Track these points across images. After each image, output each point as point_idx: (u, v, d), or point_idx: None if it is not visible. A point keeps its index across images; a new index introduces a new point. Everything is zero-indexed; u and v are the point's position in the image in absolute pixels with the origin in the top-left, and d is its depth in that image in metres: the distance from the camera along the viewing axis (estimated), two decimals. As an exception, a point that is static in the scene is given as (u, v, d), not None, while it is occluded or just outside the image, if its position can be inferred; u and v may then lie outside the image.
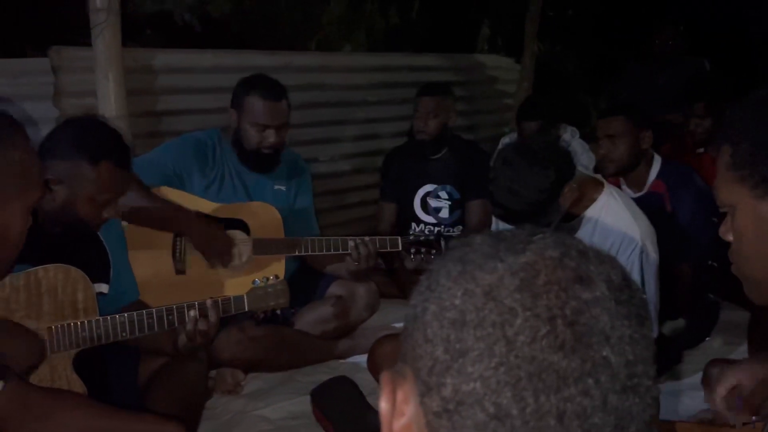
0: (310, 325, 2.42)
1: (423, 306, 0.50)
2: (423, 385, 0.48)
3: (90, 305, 1.68)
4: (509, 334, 0.45)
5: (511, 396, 0.44)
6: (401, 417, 0.49)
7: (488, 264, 0.48)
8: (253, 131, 2.37)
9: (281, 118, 2.39)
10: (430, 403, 0.47)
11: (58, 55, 2.60)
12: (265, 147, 2.38)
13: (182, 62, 3.03)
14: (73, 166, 1.66)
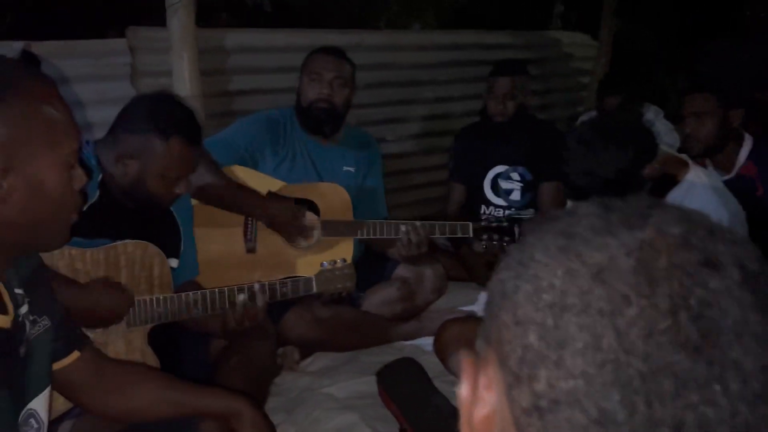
0: (377, 307, 2.41)
1: (514, 284, 0.44)
2: (510, 375, 0.42)
3: (165, 281, 1.72)
4: (620, 326, 0.38)
5: (619, 399, 0.38)
6: (483, 405, 0.44)
7: (597, 239, 0.41)
8: (308, 83, 2.38)
9: (336, 71, 2.38)
10: (518, 396, 0.41)
11: (134, 35, 2.65)
12: (319, 100, 2.35)
13: (254, 42, 3.04)
14: (144, 140, 1.69)
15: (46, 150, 0.87)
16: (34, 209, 0.88)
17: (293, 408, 1.92)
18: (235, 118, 2.61)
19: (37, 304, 1.01)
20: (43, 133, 0.87)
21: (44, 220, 0.90)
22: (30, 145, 0.86)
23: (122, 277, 1.67)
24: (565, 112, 4.30)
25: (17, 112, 0.85)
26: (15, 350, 0.95)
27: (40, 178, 0.87)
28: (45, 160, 0.87)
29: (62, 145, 0.89)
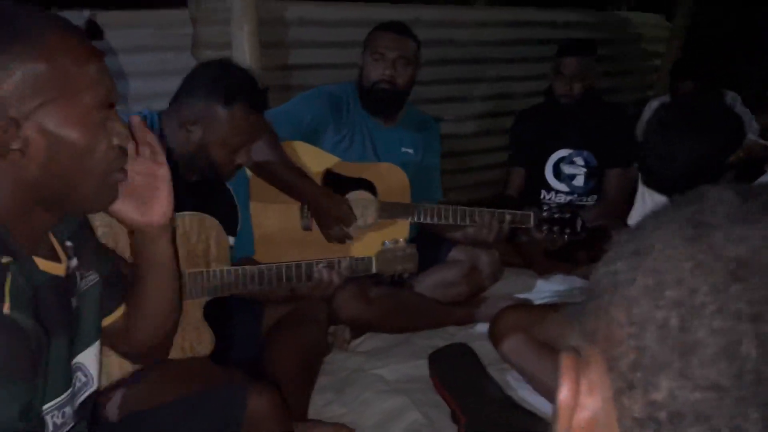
0: (430, 290, 2.36)
1: (628, 275, 0.38)
2: (621, 380, 0.37)
3: (222, 255, 1.71)
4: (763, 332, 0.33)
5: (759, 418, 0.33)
6: (583, 410, 0.40)
7: (735, 230, 0.36)
8: (371, 62, 2.32)
9: (399, 49, 2.31)
10: (630, 404, 0.37)
11: (196, 6, 2.65)
12: (382, 81, 2.30)
13: (314, 15, 3.00)
14: (207, 107, 1.66)
15: (62, 102, 0.84)
16: (61, 165, 0.85)
17: (343, 388, 1.90)
18: (292, 92, 2.57)
19: (85, 259, 1.01)
20: (57, 86, 0.83)
21: (75, 176, 0.87)
22: (42, 97, 0.83)
23: (180, 248, 1.65)
24: (634, 95, 4.12)
25: (26, 63, 0.82)
26: (68, 300, 0.95)
27: (59, 131, 0.84)
28: (63, 113, 0.84)
29: (82, 97, 0.85)
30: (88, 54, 0.87)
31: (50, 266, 0.91)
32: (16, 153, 0.83)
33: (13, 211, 0.86)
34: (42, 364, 0.84)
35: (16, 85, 0.81)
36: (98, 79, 0.87)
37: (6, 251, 0.83)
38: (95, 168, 0.88)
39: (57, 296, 0.91)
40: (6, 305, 0.78)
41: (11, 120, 0.81)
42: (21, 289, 0.82)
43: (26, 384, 0.80)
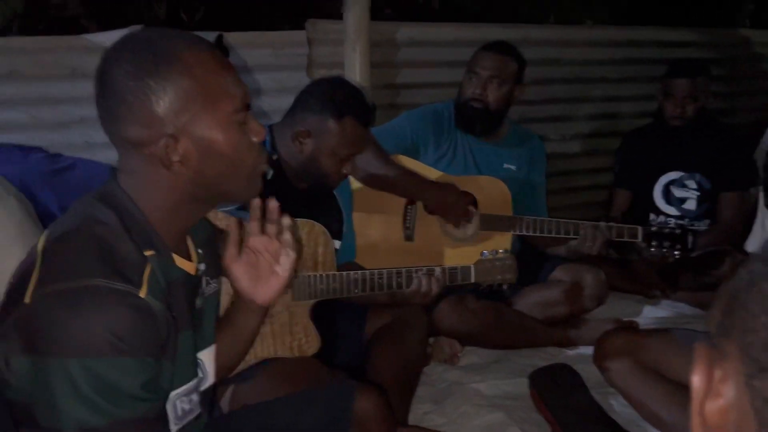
0: (531, 308, 2.34)
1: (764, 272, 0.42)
2: (753, 364, 0.41)
3: (329, 259, 1.79)
4: None
5: None
6: (717, 398, 0.43)
7: None
8: (467, 80, 2.37)
9: (493, 69, 2.34)
10: (761, 386, 0.40)
11: (313, 27, 2.79)
12: (473, 99, 2.34)
13: (424, 36, 3.08)
14: (320, 120, 1.78)
15: (207, 112, 0.93)
16: (213, 167, 0.95)
17: (442, 399, 1.92)
18: (399, 111, 2.65)
19: (210, 267, 1.10)
20: (200, 98, 0.92)
21: (226, 174, 0.97)
22: (190, 111, 0.92)
23: (290, 253, 1.75)
24: (751, 117, 3.91)
25: (173, 82, 0.91)
26: (194, 299, 1.04)
27: (208, 138, 0.93)
28: (208, 122, 0.93)
29: (222, 104, 0.94)
30: (222, 65, 0.96)
31: (184, 264, 1.00)
32: (177, 164, 0.93)
33: (164, 211, 0.96)
34: (170, 348, 0.93)
35: (170, 103, 0.91)
36: (233, 86, 0.96)
37: (150, 245, 0.93)
38: (241, 165, 0.97)
39: (185, 293, 1.00)
40: (143, 291, 0.87)
41: (171, 136, 0.92)
42: (157, 280, 0.91)
43: (152, 360, 0.88)
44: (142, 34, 0.96)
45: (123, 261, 0.88)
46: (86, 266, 0.85)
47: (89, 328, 0.82)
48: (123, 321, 0.83)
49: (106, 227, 0.90)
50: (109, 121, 0.94)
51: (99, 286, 0.84)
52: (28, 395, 0.85)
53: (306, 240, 1.77)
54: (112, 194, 0.95)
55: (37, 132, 2.38)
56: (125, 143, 0.94)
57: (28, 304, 0.85)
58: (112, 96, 0.92)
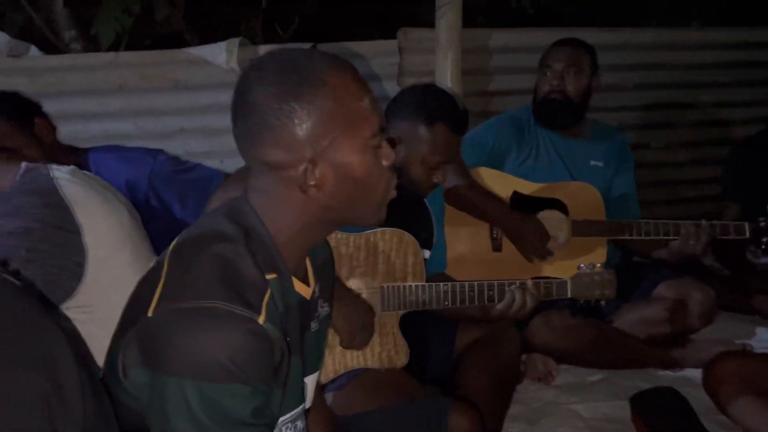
0: (632, 325, 2.20)
1: None
2: None
3: (418, 270, 1.75)
4: None
5: None
6: None
7: None
8: (541, 78, 2.33)
9: (567, 60, 2.29)
10: None
11: (404, 36, 2.78)
12: (551, 92, 2.28)
13: (517, 42, 3.00)
14: (410, 126, 1.75)
15: (347, 136, 0.90)
16: (346, 192, 0.93)
17: (536, 419, 1.84)
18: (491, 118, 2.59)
19: (324, 289, 1.09)
20: (342, 122, 0.90)
21: (358, 199, 0.94)
22: (332, 135, 0.90)
23: (379, 262, 1.74)
24: None
25: (317, 106, 0.89)
26: (308, 323, 1.02)
27: (345, 162, 0.91)
28: (348, 147, 0.91)
29: (361, 129, 0.91)
30: (363, 87, 0.94)
31: (302, 288, 0.98)
32: (313, 188, 0.91)
33: (291, 233, 0.94)
34: (282, 375, 0.91)
35: (313, 127, 0.89)
36: (372, 109, 0.93)
37: (273, 268, 0.91)
38: (373, 190, 0.95)
39: (300, 317, 0.98)
40: (262, 317, 0.85)
41: (310, 161, 0.90)
42: (275, 305, 0.90)
43: (264, 387, 0.86)
44: (284, 55, 0.93)
45: (245, 284, 0.87)
46: (209, 287, 0.85)
47: (206, 351, 0.81)
48: (240, 347, 0.82)
49: (232, 246, 0.89)
50: (248, 142, 0.92)
51: (219, 309, 0.83)
52: (142, 404, 0.86)
53: (395, 250, 1.74)
54: (241, 212, 0.94)
55: (142, 142, 2.49)
56: (261, 164, 0.92)
57: (150, 318, 0.85)
58: (253, 117, 0.90)
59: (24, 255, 1.16)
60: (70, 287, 1.20)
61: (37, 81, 2.61)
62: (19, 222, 1.17)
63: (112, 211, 1.30)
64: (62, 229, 1.20)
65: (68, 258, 1.20)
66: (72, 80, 2.66)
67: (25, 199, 1.21)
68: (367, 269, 1.72)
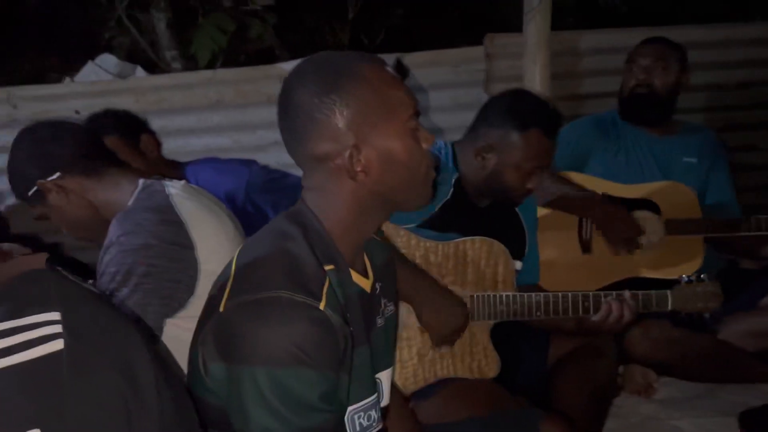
0: (741, 337, 2.08)
1: None
2: None
3: (509, 280, 1.73)
4: None
5: None
6: None
7: None
8: (626, 75, 2.29)
9: (653, 55, 2.23)
10: None
11: (491, 42, 2.76)
12: (637, 86, 2.23)
13: (609, 42, 2.92)
14: (503, 133, 1.72)
15: (385, 121, 0.97)
16: (392, 175, 0.99)
17: (634, 434, 1.77)
18: (582, 123, 2.52)
19: (387, 288, 1.12)
20: (379, 108, 0.97)
21: (403, 182, 1.00)
22: (371, 121, 0.96)
23: (469, 271, 1.72)
24: None
25: (355, 95, 0.96)
26: (373, 316, 1.04)
27: (387, 147, 0.97)
28: (387, 131, 0.97)
29: (398, 113, 0.98)
30: (394, 77, 1.01)
31: (361, 280, 1.03)
32: (360, 173, 0.97)
33: (345, 223, 1.00)
34: (347, 362, 0.95)
35: (353, 115, 0.96)
36: (406, 95, 0.99)
37: (330, 260, 0.97)
38: (416, 171, 1.00)
39: (362, 309, 1.02)
40: (322, 303, 0.90)
41: (355, 147, 0.96)
42: (335, 293, 0.95)
43: (330, 373, 0.90)
44: (320, 57, 1.01)
45: (305, 275, 0.92)
46: (271, 279, 0.90)
47: (273, 338, 0.86)
48: (304, 332, 0.87)
49: (293, 242, 0.96)
50: (296, 141, 0.99)
51: (282, 298, 0.88)
52: (223, 399, 0.91)
53: (485, 259, 1.73)
54: (299, 212, 1.01)
55: (238, 155, 2.60)
56: (311, 160, 0.99)
57: (222, 313, 0.92)
58: (298, 116, 0.97)
59: (143, 270, 1.24)
60: (183, 299, 1.28)
61: (141, 99, 2.78)
62: (140, 238, 1.26)
63: (220, 226, 1.38)
64: (178, 245, 1.29)
65: (183, 272, 1.28)
66: (173, 98, 2.82)
67: (145, 216, 1.29)
68: (455, 278, 1.71)
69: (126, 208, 1.33)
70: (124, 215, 1.31)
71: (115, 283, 1.25)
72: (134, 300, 1.24)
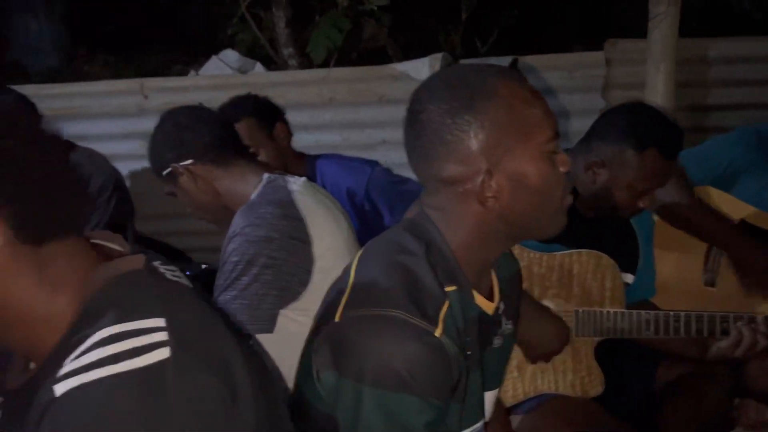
0: None
1: None
2: None
3: (617, 295, 1.66)
4: None
5: None
6: None
7: None
8: None
9: None
10: None
11: (612, 47, 2.67)
12: None
13: (741, 51, 2.74)
14: (618, 150, 1.64)
15: (521, 144, 0.90)
16: (523, 201, 0.92)
17: (747, 473, 1.64)
18: (707, 134, 2.38)
19: (509, 307, 1.07)
20: (516, 130, 0.90)
21: (535, 208, 0.93)
22: (505, 144, 0.90)
23: (574, 285, 1.66)
24: None
25: (490, 116, 0.89)
26: (490, 337, 1.01)
27: (520, 171, 0.91)
28: (522, 155, 0.90)
29: (535, 135, 0.91)
30: (534, 95, 0.93)
31: (484, 302, 0.98)
32: (491, 200, 0.91)
33: (469, 247, 0.95)
34: (460, 390, 0.91)
35: (487, 138, 0.90)
36: (545, 116, 0.92)
37: (453, 280, 0.92)
38: (550, 198, 0.93)
39: (480, 332, 0.98)
40: (438, 330, 0.87)
41: (487, 172, 0.90)
42: (453, 318, 0.90)
43: (438, 403, 0.87)
44: (453, 72, 0.97)
45: (424, 295, 0.89)
46: (389, 296, 0.88)
47: (384, 359, 0.84)
48: (416, 358, 0.84)
49: (413, 257, 0.92)
50: (423, 161, 0.94)
51: (398, 318, 0.85)
52: (333, 408, 0.90)
53: (592, 272, 1.66)
54: (422, 228, 0.96)
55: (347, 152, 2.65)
56: (437, 181, 0.94)
57: (337, 323, 0.90)
58: (428, 135, 0.92)
59: (264, 261, 1.31)
60: (297, 292, 1.34)
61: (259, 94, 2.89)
62: (263, 231, 1.32)
63: (336, 225, 1.43)
64: (297, 239, 1.34)
65: (299, 266, 1.33)
66: (289, 94, 2.91)
67: (268, 210, 1.35)
68: (560, 291, 1.66)
69: (249, 200, 1.39)
70: (249, 207, 1.37)
71: (236, 272, 1.32)
72: (253, 290, 1.30)
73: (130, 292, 0.73)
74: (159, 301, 0.73)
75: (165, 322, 0.70)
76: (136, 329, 0.69)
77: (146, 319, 0.70)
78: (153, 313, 0.71)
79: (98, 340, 0.68)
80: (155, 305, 0.72)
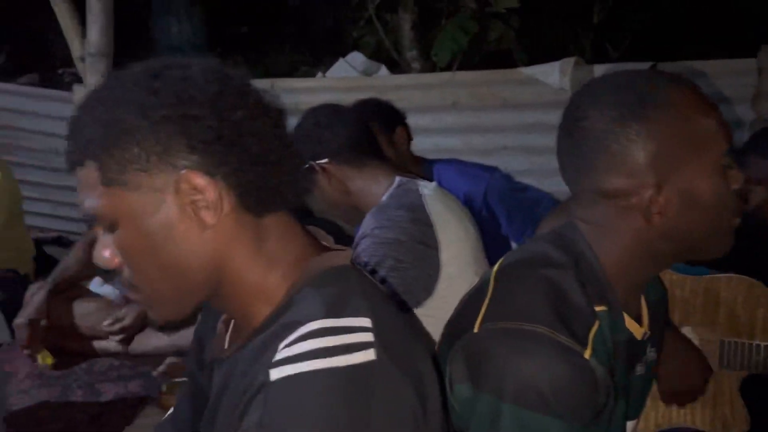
0: None
1: None
2: None
3: (772, 327, 1.51)
4: None
5: None
6: None
7: None
8: None
9: None
10: None
11: (766, 55, 2.46)
12: None
13: None
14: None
15: (694, 158, 0.82)
16: (691, 219, 0.84)
17: None
18: None
19: (655, 333, 0.99)
20: (689, 141, 0.82)
21: (703, 228, 0.85)
22: (678, 156, 0.82)
23: (720, 312, 1.54)
24: None
25: (661, 125, 0.82)
26: (634, 364, 0.94)
27: (691, 187, 0.83)
28: (694, 169, 0.83)
29: (710, 149, 0.83)
30: (708, 103, 0.85)
31: (633, 326, 0.91)
32: (657, 216, 0.84)
33: (624, 265, 0.88)
34: (605, 418, 0.84)
35: (658, 149, 0.82)
36: (721, 126, 0.84)
37: (603, 300, 0.86)
38: (720, 217, 0.85)
39: (628, 358, 0.91)
40: (588, 351, 0.80)
41: (656, 186, 0.83)
42: (603, 340, 0.84)
43: (580, 428, 0.80)
44: (619, 76, 0.89)
45: (572, 313, 0.83)
46: (534, 310, 0.82)
47: (528, 377, 0.79)
48: (562, 379, 0.79)
49: (561, 272, 0.86)
50: (581, 171, 0.87)
51: (543, 335, 0.80)
52: (465, 421, 0.87)
53: (742, 300, 1.53)
54: (571, 240, 0.90)
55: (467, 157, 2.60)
56: (595, 192, 0.87)
57: (475, 335, 0.86)
58: (588, 143, 0.85)
59: (391, 264, 1.30)
60: (420, 297, 1.31)
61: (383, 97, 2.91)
62: (392, 233, 1.32)
63: (464, 232, 1.40)
64: (424, 244, 1.32)
65: (425, 271, 1.31)
66: (412, 97, 2.91)
67: (398, 213, 1.35)
68: (704, 318, 1.54)
69: (380, 202, 1.39)
70: (379, 209, 1.37)
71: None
72: None
73: (340, 288, 0.73)
74: (366, 301, 0.72)
75: (371, 323, 0.70)
76: (345, 326, 0.69)
77: (355, 317, 0.70)
78: (360, 312, 0.70)
79: (311, 331, 0.68)
80: (363, 304, 0.71)
